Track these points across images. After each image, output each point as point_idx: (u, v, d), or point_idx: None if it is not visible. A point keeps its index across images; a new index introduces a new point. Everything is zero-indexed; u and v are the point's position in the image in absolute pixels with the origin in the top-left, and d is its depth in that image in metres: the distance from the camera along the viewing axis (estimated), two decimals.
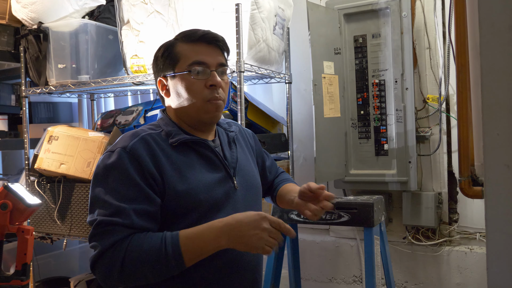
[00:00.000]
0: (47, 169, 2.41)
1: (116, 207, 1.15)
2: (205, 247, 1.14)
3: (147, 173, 1.18)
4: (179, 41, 1.31)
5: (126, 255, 1.12)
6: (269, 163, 1.61)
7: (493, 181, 0.73)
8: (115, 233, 1.14)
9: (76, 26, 2.42)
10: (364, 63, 2.45)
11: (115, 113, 2.73)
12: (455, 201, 2.43)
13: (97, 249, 1.15)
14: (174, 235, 1.14)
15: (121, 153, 1.19)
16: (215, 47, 1.31)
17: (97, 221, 1.16)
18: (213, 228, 1.14)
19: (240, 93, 2.04)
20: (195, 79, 1.27)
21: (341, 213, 1.83)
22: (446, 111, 2.40)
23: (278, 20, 2.30)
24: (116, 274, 1.13)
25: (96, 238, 1.15)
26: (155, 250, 1.12)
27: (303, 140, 2.77)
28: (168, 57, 1.31)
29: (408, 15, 2.32)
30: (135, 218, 1.16)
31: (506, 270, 0.73)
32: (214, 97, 1.28)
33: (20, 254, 1.86)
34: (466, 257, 2.37)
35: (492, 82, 0.76)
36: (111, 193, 1.17)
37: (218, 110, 1.30)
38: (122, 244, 1.13)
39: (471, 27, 1.39)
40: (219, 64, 1.30)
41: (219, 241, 1.13)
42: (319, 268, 2.77)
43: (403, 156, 2.36)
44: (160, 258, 1.12)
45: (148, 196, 1.18)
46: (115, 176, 1.18)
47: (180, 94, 1.29)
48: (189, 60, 1.28)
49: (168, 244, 1.12)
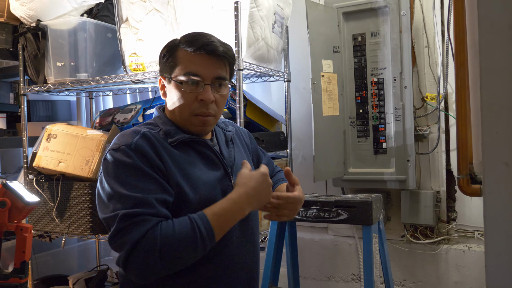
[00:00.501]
0: (46, 167, 2.41)
1: (137, 198, 1.13)
2: (232, 220, 1.21)
3: (155, 167, 1.19)
4: (181, 45, 1.28)
5: (162, 242, 1.10)
6: (265, 162, 1.61)
7: (491, 179, 0.73)
8: (143, 224, 1.11)
9: (74, 24, 2.41)
10: (363, 62, 2.45)
11: (113, 111, 2.73)
12: (453, 199, 2.43)
13: (127, 244, 1.10)
14: (201, 214, 1.17)
15: (127, 150, 1.18)
16: (215, 58, 1.25)
17: (120, 216, 1.11)
18: (236, 202, 1.21)
19: (239, 91, 2.04)
20: (185, 90, 1.24)
21: (339, 211, 1.83)
22: (444, 110, 2.41)
23: (277, 18, 2.30)
24: (155, 264, 1.10)
25: (123, 232, 1.11)
26: (189, 232, 1.12)
27: (301, 138, 2.77)
28: (169, 59, 1.29)
29: (407, 13, 2.32)
30: (158, 206, 1.15)
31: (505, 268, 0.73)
32: (202, 112, 1.25)
33: (19, 252, 1.85)
34: (464, 255, 2.38)
35: (491, 80, 0.76)
36: (127, 188, 1.14)
37: (205, 125, 1.28)
38: (154, 233, 1.10)
39: (470, 25, 1.39)
40: (215, 78, 1.26)
41: (244, 211, 1.22)
42: (317, 266, 2.77)
43: (401, 154, 2.36)
44: (196, 239, 1.13)
45: (164, 186, 1.18)
46: (127, 172, 1.16)
47: (173, 101, 1.28)
48: (185, 68, 1.25)
49: (200, 224, 1.14)
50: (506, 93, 0.74)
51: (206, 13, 2.10)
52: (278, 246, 1.97)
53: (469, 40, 1.39)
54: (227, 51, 1.28)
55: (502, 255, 0.73)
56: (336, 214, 1.84)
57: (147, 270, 1.11)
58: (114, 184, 1.16)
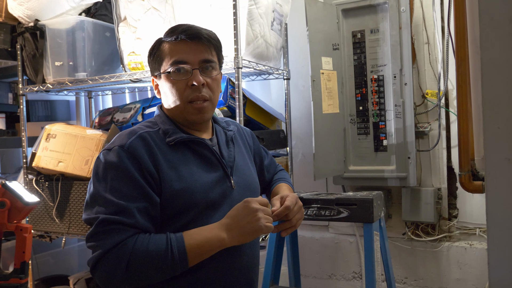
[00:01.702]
0: (45, 167, 2.40)
1: (118, 205, 1.13)
2: (208, 246, 1.15)
3: (145, 171, 1.17)
4: (163, 39, 1.28)
5: (132, 256, 1.10)
6: (268, 162, 1.59)
7: (493, 175, 0.72)
8: (119, 233, 1.11)
9: (72, 23, 2.40)
10: (363, 59, 2.44)
11: (112, 110, 2.72)
12: (454, 196, 2.42)
13: (99, 250, 1.11)
14: (179, 236, 1.14)
15: (119, 151, 1.17)
16: (199, 43, 1.24)
17: (99, 219, 1.12)
18: (214, 229, 1.16)
19: (238, 90, 2.02)
20: (175, 79, 1.24)
21: (340, 209, 1.82)
22: (445, 106, 2.40)
23: (276, 15, 2.28)
24: (120, 275, 1.10)
25: (98, 237, 1.12)
26: (161, 251, 1.11)
27: (301, 136, 2.76)
28: (155, 57, 1.29)
29: (406, 10, 2.31)
30: (139, 217, 1.14)
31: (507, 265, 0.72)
32: (195, 96, 1.24)
33: (19, 252, 1.85)
34: (465, 252, 2.37)
35: (492, 75, 0.75)
36: (111, 192, 1.14)
37: (202, 112, 1.26)
38: (126, 244, 1.10)
39: (470, 21, 1.38)
40: (202, 61, 1.25)
41: (223, 241, 1.15)
42: (318, 265, 2.77)
43: (402, 151, 2.35)
44: (167, 259, 1.11)
45: (148, 195, 1.16)
46: (114, 174, 1.16)
47: (166, 94, 1.27)
48: (171, 59, 1.24)
49: (174, 245, 1.12)
50: (507, 88, 0.73)
51: (204, 11, 2.09)
52: (278, 244, 1.96)
53: (470, 36, 1.38)
54: (210, 35, 1.27)
55: (505, 251, 0.72)
56: (337, 212, 1.83)
57: (111, 279, 1.11)
58: (100, 186, 1.16)
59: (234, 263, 1.26)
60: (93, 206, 1.15)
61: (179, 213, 1.20)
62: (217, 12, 2.07)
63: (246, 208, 1.15)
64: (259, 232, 1.15)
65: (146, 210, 1.16)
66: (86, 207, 1.18)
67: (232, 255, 1.25)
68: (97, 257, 1.11)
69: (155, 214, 1.18)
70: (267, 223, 1.15)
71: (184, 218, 1.20)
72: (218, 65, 1.31)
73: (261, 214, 1.15)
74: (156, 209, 1.18)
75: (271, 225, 1.16)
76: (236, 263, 1.27)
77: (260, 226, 1.14)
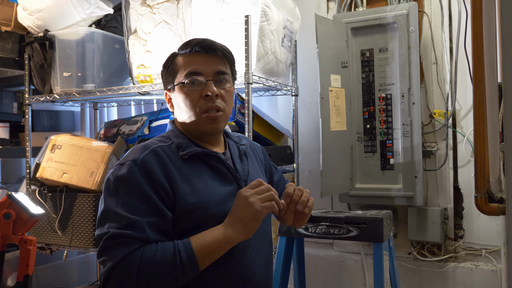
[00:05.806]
0: (49, 178, 2.38)
1: (129, 220, 1.12)
2: (217, 246, 1.14)
3: (158, 186, 1.16)
4: (178, 52, 1.30)
5: (140, 266, 1.08)
6: (277, 178, 1.59)
7: None
8: (127, 246, 1.10)
9: (82, 34, 2.41)
10: (371, 77, 2.45)
11: (118, 122, 2.71)
12: (460, 216, 2.41)
13: (108, 264, 1.10)
14: (186, 241, 1.13)
15: (132, 165, 1.16)
16: (213, 55, 1.26)
17: (109, 234, 1.11)
18: (219, 228, 1.15)
19: (248, 105, 2.02)
20: (189, 90, 1.24)
21: (350, 228, 1.80)
22: (452, 127, 2.40)
23: (286, 32, 2.29)
24: (132, 286, 1.08)
25: (107, 251, 1.11)
26: (170, 259, 1.10)
27: (308, 152, 2.76)
28: (169, 70, 1.30)
29: (415, 30, 2.33)
30: (149, 231, 1.13)
31: None
32: (209, 106, 1.24)
33: (22, 265, 1.82)
34: (472, 273, 2.35)
35: None
36: (122, 206, 1.13)
37: (216, 121, 1.26)
38: (133, 256, 1.09)
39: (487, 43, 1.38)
40: (216, 73, 1.26)
41: (229, 237, 1.14)
42: (323, 283, 2.73)
43: (409, 170, 2.34)
44: (176, 264, 1.09)
45: (160, 210, 1.15)
46: (126, 189, 1.15)
47: (180, 107, 1.27)
48: (185, 70, 1.25)
49: (181, 250, 1.11)
50: None
51: (215, 26, 2.10)
52: (286, 262, 1.94)
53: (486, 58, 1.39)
54: (224, 48, 1.29)
55: None
56: (346, 230, 1.81)
57: None
58: (111, 201, 1.15)
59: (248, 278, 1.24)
60: (105, 222, 1.15)
61: (195, 227, 1.18)
62: (228, 27, 2.08)
63: (238, 199, 1.15)
64: (257, 215, 1.12)
65: (157, 225, 1.14)
66: (98, 223, 1.17)
67: (246, 270, 1.23)
68: (107, 270, 1.10)
69: (166, 229, 1.16)
70: (263, 204, 1.13)
71: (200, 232, 1.18)
72: (232, 78, 1.32)
73: (253, 198, 1.13)
74: (168, 224, 1.16)
75: (269, 203, 1.13)
76: (251, 278, 1.25)
77: (256, 209, 1.12)
